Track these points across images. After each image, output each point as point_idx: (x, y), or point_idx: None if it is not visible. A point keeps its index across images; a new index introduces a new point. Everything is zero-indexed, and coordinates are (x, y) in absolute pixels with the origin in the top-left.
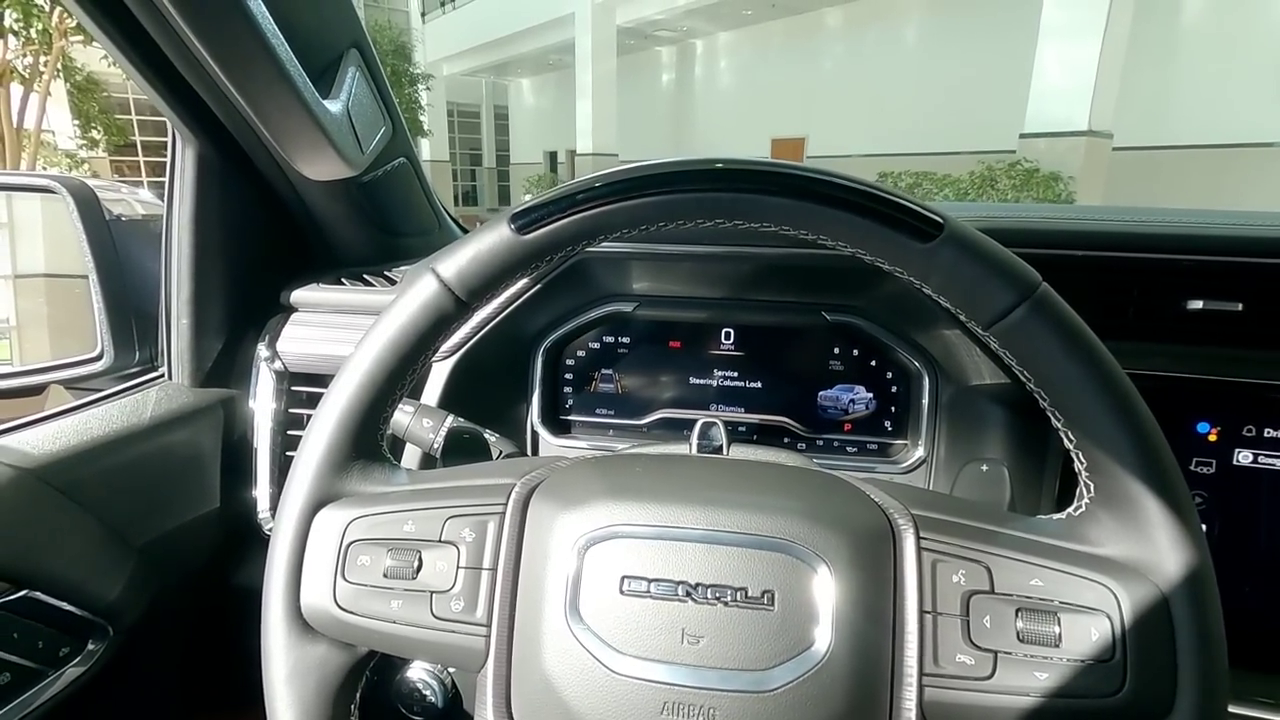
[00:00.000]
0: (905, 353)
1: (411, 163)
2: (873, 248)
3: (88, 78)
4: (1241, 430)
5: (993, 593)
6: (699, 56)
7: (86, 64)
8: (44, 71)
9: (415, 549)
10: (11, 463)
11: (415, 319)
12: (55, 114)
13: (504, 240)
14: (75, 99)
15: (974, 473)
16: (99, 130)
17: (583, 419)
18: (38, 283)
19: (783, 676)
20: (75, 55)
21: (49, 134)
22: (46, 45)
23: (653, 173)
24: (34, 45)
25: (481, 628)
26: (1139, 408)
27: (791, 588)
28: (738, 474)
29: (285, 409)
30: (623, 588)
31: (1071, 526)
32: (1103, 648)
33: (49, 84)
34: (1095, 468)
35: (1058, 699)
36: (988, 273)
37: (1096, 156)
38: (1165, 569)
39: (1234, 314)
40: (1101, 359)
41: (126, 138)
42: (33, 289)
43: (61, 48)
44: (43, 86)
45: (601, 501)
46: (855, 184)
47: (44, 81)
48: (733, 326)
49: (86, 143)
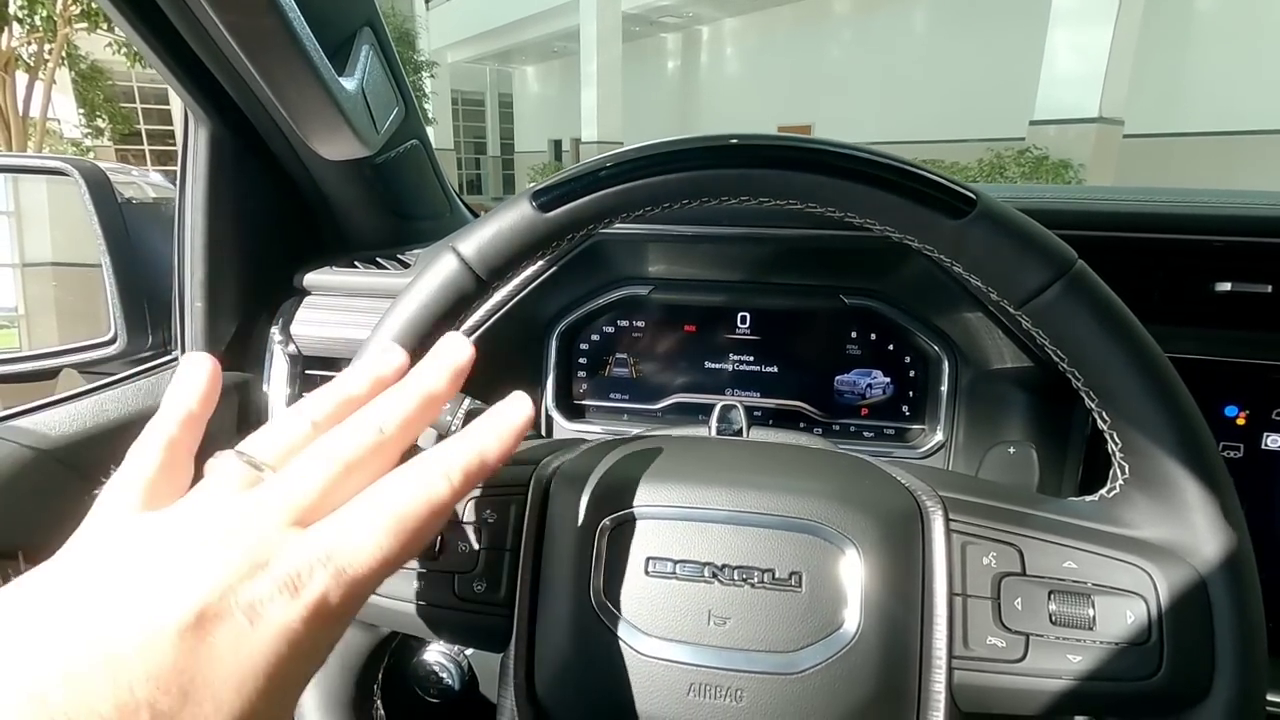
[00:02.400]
0: (925, 337)
1: (424, 144)
2: (902, 225)
3: (92, 66)
4: (1271, 414)
5: (1024, 575)
6: (705, 43)
7: (91, 52)
8: (49, 59)
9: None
10: (29, 444)
11: (435, 297)
12: (60, 102)
13: (525, 218)
14: (80, 87)
15: (1001, 455)
16: (104, 118)
17: (597, 403)
18: (45, 271)
19: (811, 658)
20: (79, 43)
21: (54, 122)
22: (51, 33)
23: (677, 149)
24: (38, 33)
25: (504, 609)
26: (1178, 388)
27: (819, 569)
28: (762, 455)
29: (299, 392)
30: (648, 569)
31: (1105, 509)
32: (1138, 630)
33: (54, 72)
34: (1131, 449)
35: (1091, 681)
36: (1022, 250)
37: (1107, 143)
38: (1203, 551)
39: (1263, 296)
40: (1140, 338)
41: (131, 126)
42: (40, 277)
43: (66, 35)
44: (48, 74)
45: (624, 482)
46: (885, 159)
47: (49, 69)
48: (749, 310)
49: (92, 131)
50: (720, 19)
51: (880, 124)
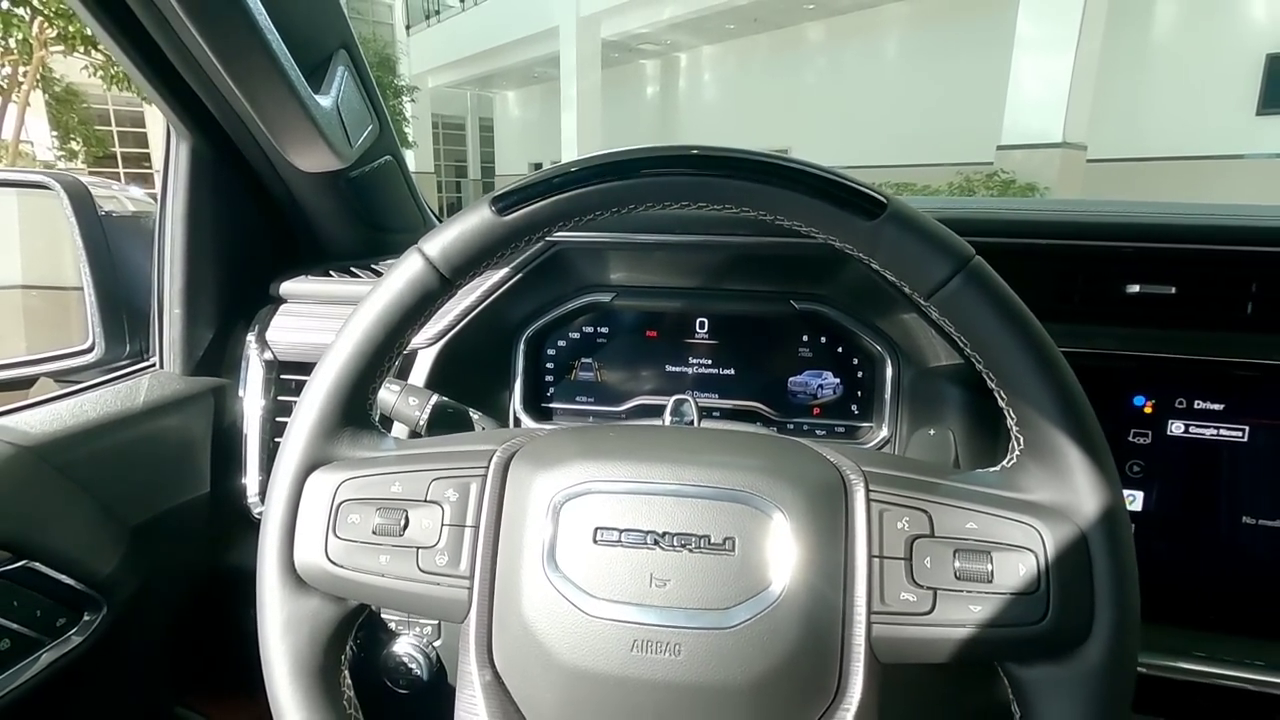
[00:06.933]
0: (868, 338)
1: (397, 160)
2: (824, 226)
3: (67, 89)
4: (1174, 403)
5: (933, 536)
6: (683, 69)
7: (65, 75)
8: (23, 82)
9: (402, 508)
10: (12, 441)
11: (402, 294)
12: (33, 125)
13: (485, 221)
14: (54, 110)
15: (922, 438)
16: (78, 141)
17: (563, 406)
18: (14, 295)
19: (742, 614)
20: (55, 66)
21: (27, 144)
22: (27, 55)
23: (622, 159)
24: (13, 56)
25: (464, 580)
26: (1062, 367)
27: (751, 535)
28: (703, 438)
29: (274, 398)
30: (595, 538)
31: (1004, 477)
32: (1029, 581)
33: (28, 94)
34: (1024, 422)
35: (989, 628)
36: (926, 246)
37: (1071, 168)
38: (1084, 510)
39: (1167, 296)
40: (1028, 323)
41: (106, 149)
42: (8, 303)
43: (41, 58)
44: (21, 97)
45: (577, 461)
46: (807, 167)
47: (23, 92)
48: (707, 316)
49: (65, 154)
50: (698, 46)
51: (854, 148)
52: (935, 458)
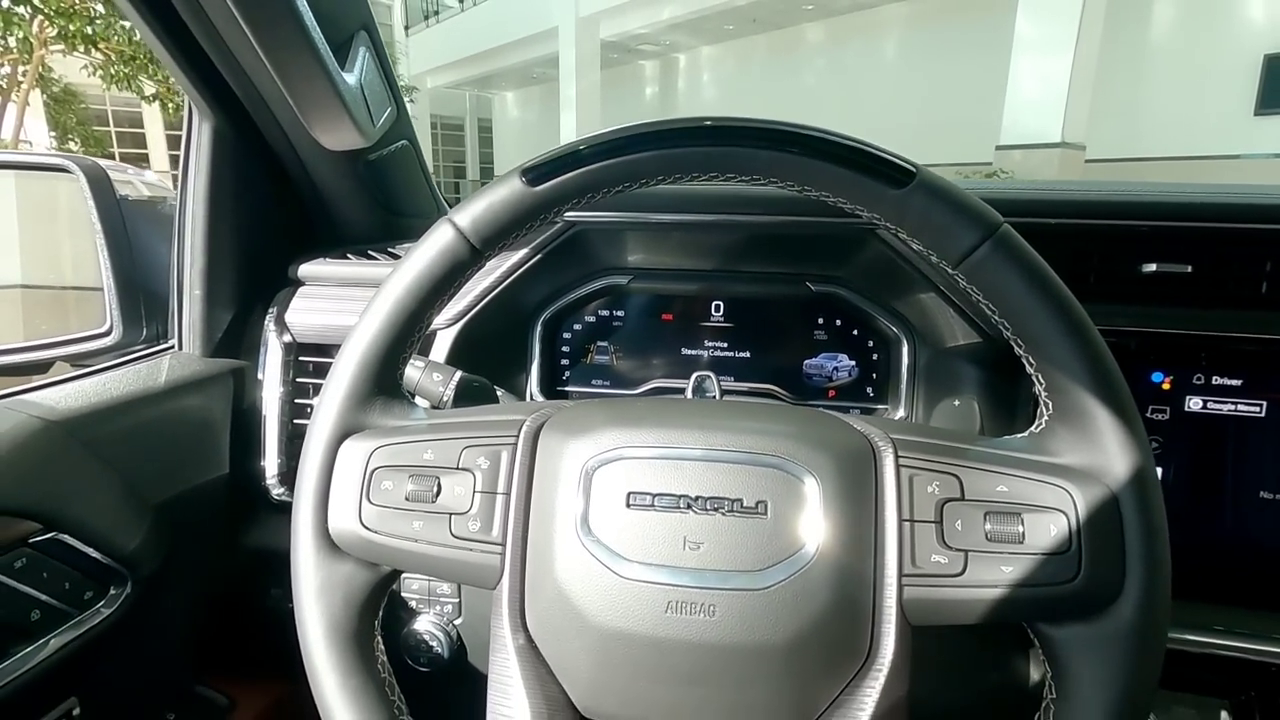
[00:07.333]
0: (885, 320)
1: (413, 145)
2: (851, 195)
3: (65, 89)
4: (1192, 379)
5: (964, 499)
6: (682, 70)
7: (64, 75)
8: (22, 81)
9: (435, 475)
10: (41, 415)
11: (432, 264)
12: (32, 125)
13: (515, 192)
14: (52, 110)
15: (947, 407)
16: (76, 141)
17: (580, 389)
18: (14, 294)
19: (775, 576)
20: (53, 65)
21: (25, 144)
22: (26, 55)
23: (651, 130)
24: (12, 55)
25: (497, 545)
26: (1090, 331)
27: (783, 499)
28: (731, 407)
29: (293, 379)
30: (629, 502)
31: (1034, 441)
32: (1060, 541)
33: (27, 94)
34: (1053, 387)
35: (1021, 588)
36: (955, 214)
37: (1070, 167)
38: (1114, 471)
39: (1183, 275)
40: (1057, 288)
41: (104, 149)
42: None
43: (41, 57)
44: (20, 96)
45: (608, 428)
46: (835, 136)
47: (22, 92)
48: (723, 299)
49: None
50: (697, 47)
51: None
52: (960, 427)
